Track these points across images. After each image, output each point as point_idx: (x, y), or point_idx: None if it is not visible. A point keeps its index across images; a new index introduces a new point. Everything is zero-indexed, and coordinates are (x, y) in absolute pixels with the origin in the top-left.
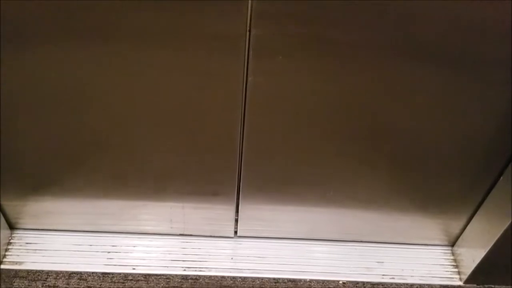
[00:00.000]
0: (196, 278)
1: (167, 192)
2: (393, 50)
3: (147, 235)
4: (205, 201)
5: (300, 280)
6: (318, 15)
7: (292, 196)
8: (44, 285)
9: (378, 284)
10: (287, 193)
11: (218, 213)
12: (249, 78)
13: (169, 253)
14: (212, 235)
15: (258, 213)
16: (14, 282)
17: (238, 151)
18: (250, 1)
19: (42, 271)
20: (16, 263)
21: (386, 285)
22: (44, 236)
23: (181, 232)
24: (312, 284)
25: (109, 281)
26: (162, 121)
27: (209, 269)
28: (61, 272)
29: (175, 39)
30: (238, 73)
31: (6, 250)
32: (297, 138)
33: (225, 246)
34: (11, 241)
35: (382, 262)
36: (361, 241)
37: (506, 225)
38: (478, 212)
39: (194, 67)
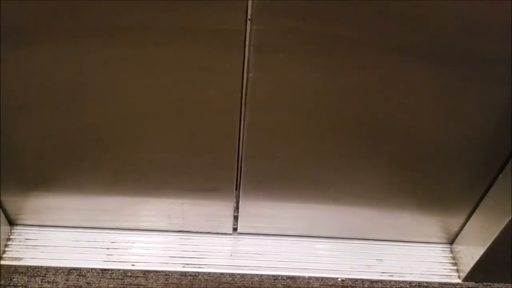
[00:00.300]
0: (195, 275)
1: (166, 189)
2: (393, 48)
3: (146, 231)
4: (204, 197)
5: (299, 277)
6: (319, 12)
7: (292, 193)
8: (43, 281)
9: (377, 281)
10: (287, 190)
11: (218, 210)
12: (250, 75)
13: (168, 250)
14: (211, 231)
15: (258, 210)
16: (13, 278)
17: (237, 147)
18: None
19: (41, 267)
20: (16, 259)
21: (385, 282)
22: (44, 232)
23: (180, 229)
24: (311, 281)
25: (108, 277)
26: (161, 117)
27: (208, 266)
28: (60, 268)
29: (173, 36)
30: (237, 69)
31: (6, 246)
32: (298, 135)
33: (224, 243)
34: (11, 237)
35: (381, 259)
36: (360, 239)
37: (505, 223)
38: (477, 210)
39: (193, 63)
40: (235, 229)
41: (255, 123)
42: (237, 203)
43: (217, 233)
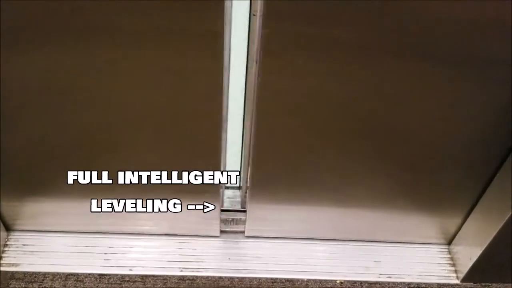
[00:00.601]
0: (193, 279)
1: (161, 191)
2: (394, 50)
3: (144, 235)
4: (200, 199)
5: (297, 280)
6: (328, 15)
7: (293, 196)
8: (41, 286)
9: (375, 283)
10: (289, 193)
11: (212, 212)
12: (259, 78)
13: (166, 254)
14: (208, 235)
15: (262, 213)
16: (10, 284)
17: (221, 148)
18: (261, 1)
19: (39, 272)
20: (13, 264)
21: (383, 284)
22: (41, 237)
23: (178, 233)
24: (310, 283)
25: (106, 282)
26: (153, 119)
27: (206, 269)
28: (58, 273)
29: (157, 38)
30: (218, 71)
31: (3, 252)
32: (303, 138)
33: (222, 246)
34: (8, 242)
35: (379, 261)
36: (359, 240)
37: (502, 222)
38: (474, 210)
39: (174, 65)
40: (234, 232)
41: (263, 126)
42: (245, 204)
43: (215, 236)
